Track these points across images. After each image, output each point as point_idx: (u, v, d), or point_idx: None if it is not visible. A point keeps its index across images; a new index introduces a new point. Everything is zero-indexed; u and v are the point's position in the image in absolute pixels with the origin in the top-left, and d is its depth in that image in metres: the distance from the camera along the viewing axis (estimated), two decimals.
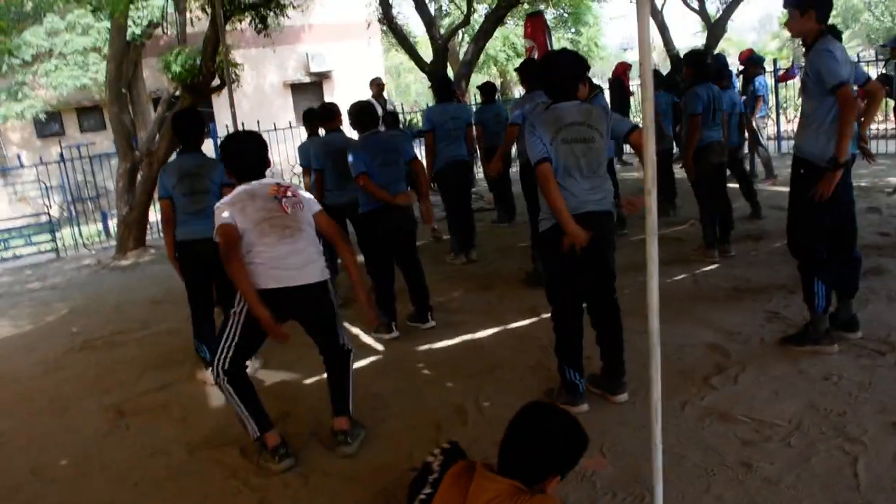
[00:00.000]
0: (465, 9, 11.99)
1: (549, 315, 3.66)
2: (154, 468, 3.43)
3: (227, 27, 8.57)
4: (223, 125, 15.60)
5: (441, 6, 18.84)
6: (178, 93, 8.12)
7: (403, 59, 20.04)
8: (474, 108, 10.03)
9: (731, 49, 40.83)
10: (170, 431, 3.82)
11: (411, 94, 32.31)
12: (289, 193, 3.19)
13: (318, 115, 5.88)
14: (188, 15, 8.74)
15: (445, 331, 4.87)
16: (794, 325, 4.13)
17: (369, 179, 4.60)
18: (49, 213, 10.29)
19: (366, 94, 12.16)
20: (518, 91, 19.93)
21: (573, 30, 22.25)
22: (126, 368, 4.94)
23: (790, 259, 4.05)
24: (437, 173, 6.64)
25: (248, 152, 3.25)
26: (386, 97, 9.02)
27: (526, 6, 12.16)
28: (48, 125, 16.72)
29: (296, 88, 20.57)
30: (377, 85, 8.68)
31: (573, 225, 3.20)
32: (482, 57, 21.79)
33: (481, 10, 15.89)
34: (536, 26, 10.38)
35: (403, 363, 4.43)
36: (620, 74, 11.77)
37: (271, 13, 7.44)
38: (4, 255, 10.45)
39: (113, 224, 10.38)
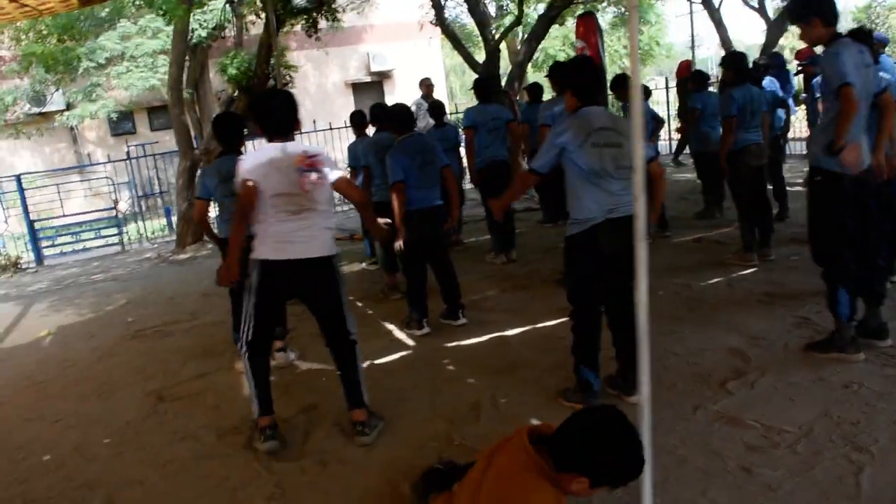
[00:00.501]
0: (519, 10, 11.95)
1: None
2: (183, 451, 3.65)
3: (285, 29, 8.87)
4: None
5: (503, 5, 18.82)
6: (235, 94, 8.42)
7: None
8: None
9: (800, 45, 39.54)
10: (202, 418, 4.04)
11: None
12: (314, 167, 3.26)
13: (372, 117, 6.12)
14: (245, 19, 9.06)
15: (475, 328, 4.96)
16: (822, 331, 4.04)
17: (402, 191, 4.73)
18: (116, 209, 10.84)
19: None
20: None
21: None
22: (171, 357, 5.22)
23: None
24: (477, 172, 6.72)
25: (274, 108, 3.33)
26: (435, 97, 9.15)
27: (582, 6, 12.09)
28: (121, 124, 17.56)
29: (357, 87, 20.98)
30: (427, 86, 8.81)
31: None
32: (541, 56, 21.76)
33: (540, 9, 15.91)
34: (588, 27, 10.32)
35: (430, 359, 4.55)
36: (685, 73, 11.59)
37: (322, 17, 7.63)
38: (76, 247, 11.08)
39: (175, 219, 10.87)
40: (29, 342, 6.19)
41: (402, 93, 19.10)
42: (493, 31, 11.39)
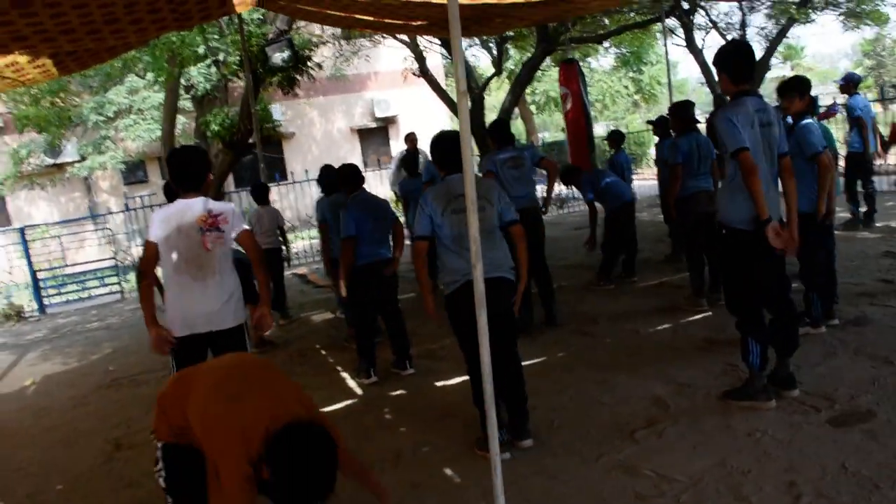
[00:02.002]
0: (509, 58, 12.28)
1: (523, 363, 3.98)
2: (125, 497, 3.86)
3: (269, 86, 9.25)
4: (296, 171, 16.72)
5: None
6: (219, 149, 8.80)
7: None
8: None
9: (812, 80, 39.54)
10: (148, 465, 4.22)
11: None
12: (216, 226, 3.50)
13: (321, 178, 6.39)
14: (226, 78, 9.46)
15: (421, 377, 5.14)
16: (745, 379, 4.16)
17: (352, 246, 4.97)
18: (115, 258, 11.24)
19: (429, 138, 12.65)
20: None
21: (635, 69, 22.29)
22: (138, 406, 5.44)
23: None
24: None
25: (183, 163, 3.59)
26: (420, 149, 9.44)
27: (561, 52, 12.38)
28: (133, 173, 18.19)
29: (363, 133, 21.49)
30: (411, 140, 9.13)
31: None
32: (543, 98, 22.19)
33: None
34: (570, 74, 10.62)
35: (372, 407, 4.73)
36: None
37: (300, 74, 8.01)
38: (81, 295, 11.47)
39: None
40: (12, 391, 6.47)
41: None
42: (476, 81, 11.71)
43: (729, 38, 13.64)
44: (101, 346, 7.87)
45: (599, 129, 26.75)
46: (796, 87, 4.79)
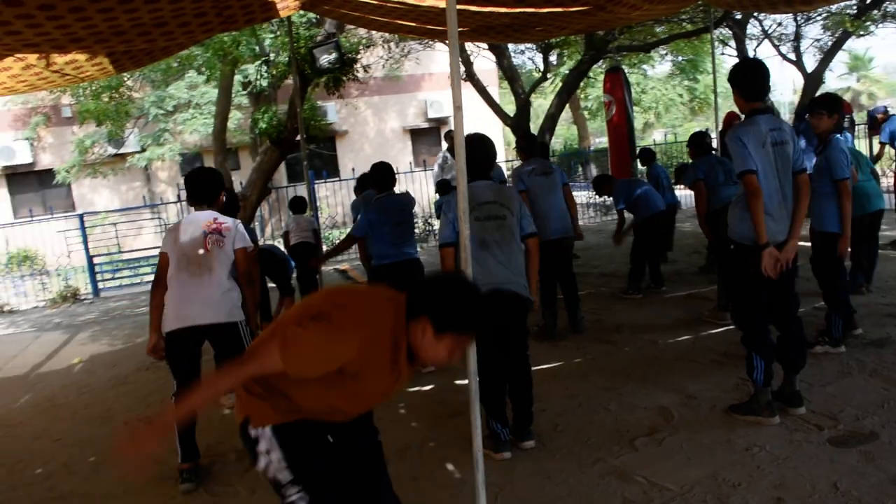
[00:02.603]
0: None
1: (540, 367, 4.46)
2: (150, 473, 4.12)
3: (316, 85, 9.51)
4: (348, 168, 17.09)
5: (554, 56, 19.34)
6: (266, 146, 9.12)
7: (536, 101, 20.53)
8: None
9: (880, 93, 38.19)
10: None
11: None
12: (219, 230, 3.78)
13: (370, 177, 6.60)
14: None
15: (440, 375, 5.28)
16: None
17: (361, 245, 5.19)
18: None
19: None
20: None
21: (690, 76, 21.96)
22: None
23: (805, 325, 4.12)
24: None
25: (197, 181, 3.95)
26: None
27: (610, 60, 12.38)
28: (191, 164, 18.81)
29: (415, 133, 21.77)
30: (451, 138, 9.28)
31: None
32: (595, 104, 22.06)
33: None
34: (615, 82, 10.67)
35: (388, 402, 4.89)
36: (728, 126, 11.66)
37: (344, 77, 8.26)
38: (134, 280, 12.01)
39: None
40: (61, 368, 6.89)
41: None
42: (523, 87, 11.80)
43: (783, 49, 13.40)
44: (146, 329, 8.22)
45: (658, 136, 26.51)
46: (824, 105, 4.78)
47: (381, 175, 5.45)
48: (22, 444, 4.85)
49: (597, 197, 13.60)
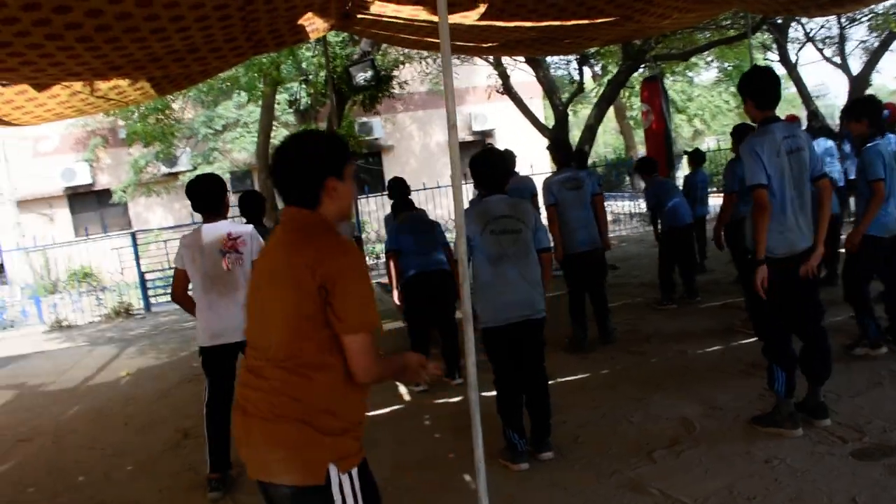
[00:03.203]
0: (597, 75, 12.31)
1: (566, 378, 4.66)
2: (183, 481, 4.29)
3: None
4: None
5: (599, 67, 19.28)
6: None
7: (584, 111, 20.42)
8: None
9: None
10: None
11: (600, 146, 32.55)
12: (235, 248, 3.88)
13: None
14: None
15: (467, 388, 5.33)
16: None
17: (396, 259, 5.30)
18: None
19: (526, 151, 12.82)
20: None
21: (736, 83, 21.46)
22: None
23: (835, 335, 4.08)
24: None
25: (199, 191, 3.94)
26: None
27: (649, 68, 12.26)
28: (242, 182, 19.35)
29: (460, 147, 21.84)
30: (489, 146, 9.41)
31: None
32: (637, 113, 21.81)
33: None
34: (653, 91, 10.61)
35: (415, 413, 4.98)
36: None
37: (380, 94, 8.44)
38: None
39: None
40: (109, 381, 7.20)
41: None
42: (560, 98, 11.80)
43: (826, 52, 13.07)
44: (191, 343, 8.52)
45: (711, 143, 25.99)
46: (851, 111, 4.71)
47: (393, 190, 5.65)
48: (69, 454, 5.09)
49: (640, 206, 13.52)
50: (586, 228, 5.80)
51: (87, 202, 18.68)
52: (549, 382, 5.07)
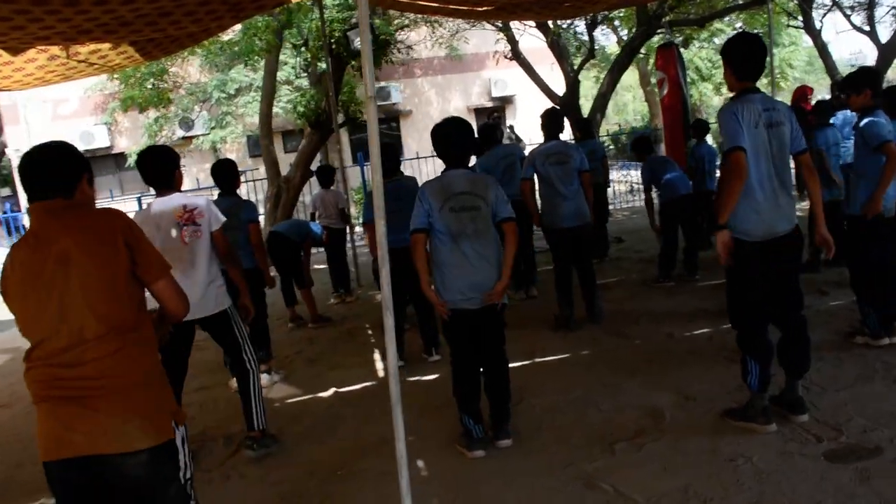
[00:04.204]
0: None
1: (545, 358, 4.55)
2: None
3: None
4: (412, 148, 17.12)
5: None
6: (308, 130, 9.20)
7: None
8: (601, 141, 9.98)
9: None
10: None
11: (629, 113, 31.80)
12: (192, 220, 3.74)
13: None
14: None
15: (444, 365, 5.17)
16: None
17: (370, 230, 5.14)
18: None
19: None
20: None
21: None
22: (195, 366, 5.86)
23: (832, 321, 3.84)
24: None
25: (148, 163, 3.77)
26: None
27: (663, 37, 11.75)
28: (257, 146, 19.29)
29: (479, 112, 21.49)
30: (497, 117, 9.14)
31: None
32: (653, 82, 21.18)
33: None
34: (668, 58, 10.13)
35: (386, 390, 4.83)
36: (798, 101, 10.80)
37: (384, 59, 8.22)
38: None
39: None
40: None
41: (523, 117, 19.40)
42: (571, 65, 11.41)
43: (854, 18, 12.42)
44: None
45: None
46: (856, 82, 4.39)
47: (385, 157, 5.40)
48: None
49: None
50: (573, 203, 5.57)
51: (106, 165, 18.76)
52: (526, 362, 5.00)
